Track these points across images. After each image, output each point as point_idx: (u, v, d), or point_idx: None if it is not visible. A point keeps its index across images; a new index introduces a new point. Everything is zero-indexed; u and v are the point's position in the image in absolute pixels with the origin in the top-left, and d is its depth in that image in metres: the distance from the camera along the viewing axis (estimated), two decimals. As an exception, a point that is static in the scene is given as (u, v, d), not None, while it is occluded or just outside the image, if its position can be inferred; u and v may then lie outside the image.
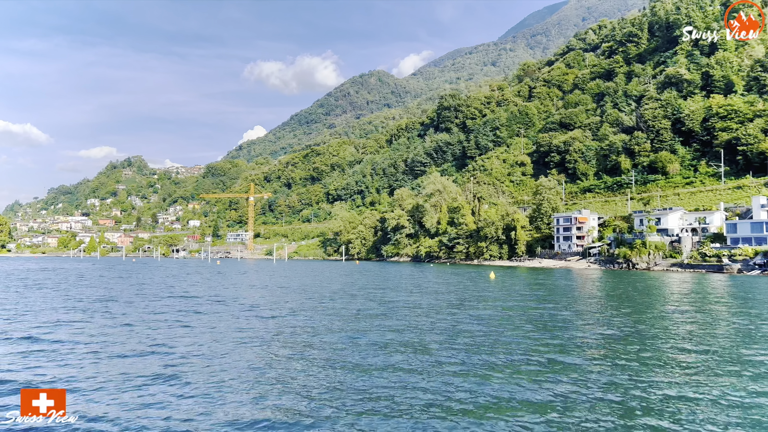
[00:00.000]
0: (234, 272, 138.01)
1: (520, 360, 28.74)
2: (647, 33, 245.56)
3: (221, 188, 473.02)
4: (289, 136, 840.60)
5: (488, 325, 40.47)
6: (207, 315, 48.20)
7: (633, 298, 64.20)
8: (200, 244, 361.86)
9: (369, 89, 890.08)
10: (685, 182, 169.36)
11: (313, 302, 58.56)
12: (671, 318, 46.38)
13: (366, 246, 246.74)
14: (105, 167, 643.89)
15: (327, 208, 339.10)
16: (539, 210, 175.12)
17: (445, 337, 35.64)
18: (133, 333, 38.04)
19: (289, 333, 37.56)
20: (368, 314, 46.99)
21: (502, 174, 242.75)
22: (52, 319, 45.22)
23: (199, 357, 30.36)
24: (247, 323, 42.98)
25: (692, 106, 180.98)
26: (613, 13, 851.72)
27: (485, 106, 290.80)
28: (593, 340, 35.26)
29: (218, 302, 59.33)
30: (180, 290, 76.35)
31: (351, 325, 40.76)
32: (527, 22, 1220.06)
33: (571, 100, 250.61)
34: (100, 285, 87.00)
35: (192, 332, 38.34)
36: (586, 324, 42.48)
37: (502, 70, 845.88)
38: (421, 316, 46.33)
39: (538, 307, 52.98)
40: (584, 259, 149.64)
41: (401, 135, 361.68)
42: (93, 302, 58.86)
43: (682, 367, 27.62)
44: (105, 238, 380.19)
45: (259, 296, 67.03)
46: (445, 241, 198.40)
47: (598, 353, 30.72)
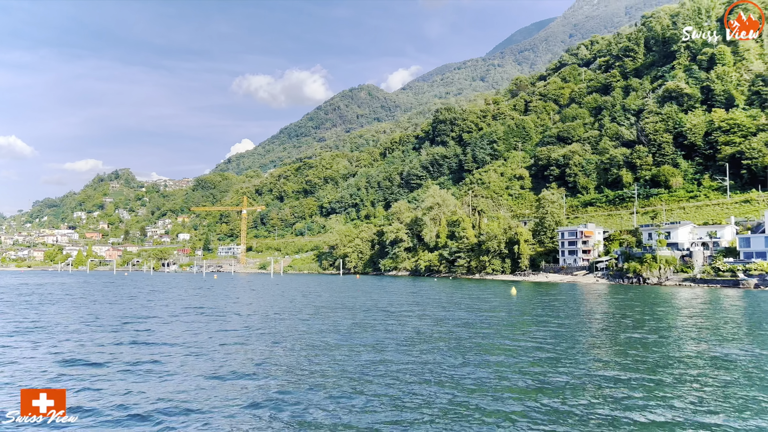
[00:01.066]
0: (235, 288, 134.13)
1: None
2: (643, 48, 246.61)
3: (211, 201, 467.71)
4: (279, 149, 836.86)
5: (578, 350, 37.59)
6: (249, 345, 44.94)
7: (669, 319, 61.70)
8: (191, 257, 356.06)
9: (359, 103, 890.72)
10: (689, 196, 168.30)
11: (373, 331, 54.81)
12: (724, 341, 43.79)
13: (363, 260, 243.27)
14: (92, 180, 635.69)
15: (321, 221, 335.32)
16: (542, 224, 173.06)
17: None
18: (176, 351, 34.75)
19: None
20: (456, 352, 43.18)
21: (500, 187, 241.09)
22: (98, 339, 41.75)
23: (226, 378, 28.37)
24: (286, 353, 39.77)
25: (694, 120, 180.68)
26: (599, 29, 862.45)
27: (481, 119, 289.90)
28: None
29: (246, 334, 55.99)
30: (194, 307, 72.84)
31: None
32: (515, 39, 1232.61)
33: (568, 114, 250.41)
34: (119, 302, 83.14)
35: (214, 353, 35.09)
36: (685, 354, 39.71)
37: (491, 85, 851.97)
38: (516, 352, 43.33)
39: (606, 329, 50.21)
40: (591, 273, 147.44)
41: (395, 148, 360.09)
42: (118, 318, 55.28)
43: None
44: (93, 252, 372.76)
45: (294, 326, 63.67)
46: (446, 255, 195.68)
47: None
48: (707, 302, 79.40)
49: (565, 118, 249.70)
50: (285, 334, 45.80)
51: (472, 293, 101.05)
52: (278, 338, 43.19)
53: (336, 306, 73.48)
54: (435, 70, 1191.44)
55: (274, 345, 39.81)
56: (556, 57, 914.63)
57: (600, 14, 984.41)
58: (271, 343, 40.55)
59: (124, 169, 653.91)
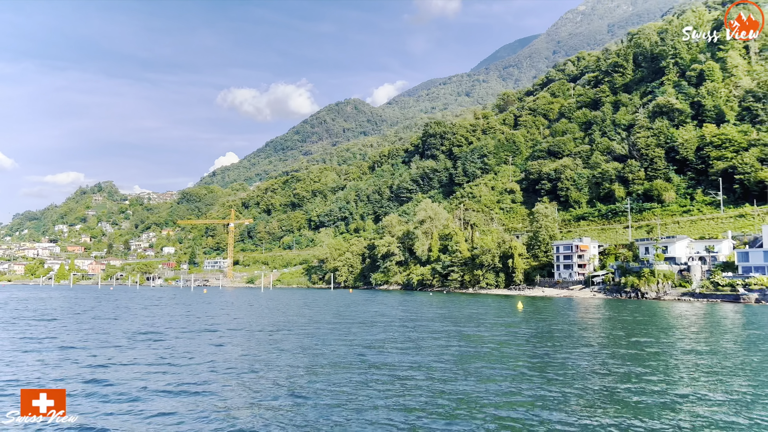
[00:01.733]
0: (230, 303, 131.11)
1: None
2: (632, 63, 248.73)
3: (196, 214, 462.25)
4: (264, 162, 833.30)
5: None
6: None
7: (692, 340, 60.42)
8: (176, 271, 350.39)
9: (345, 117, 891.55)
10: (682, 210, 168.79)
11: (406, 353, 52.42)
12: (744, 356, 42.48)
13: (353, 274, 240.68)
14: (74, 192, 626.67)
15: (309, 234, 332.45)
16: (536, 237, 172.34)
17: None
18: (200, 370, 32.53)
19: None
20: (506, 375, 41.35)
21: (491, 201, 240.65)
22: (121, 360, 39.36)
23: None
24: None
25: (685, 135, 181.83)
26: (582, 46, 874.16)
27: (471, 133, 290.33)
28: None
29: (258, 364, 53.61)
30: (204, 324, 70.27)
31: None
32: (499, 55, 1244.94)
33: (558, 129, 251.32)
34: (126, 318, 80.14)
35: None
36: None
37: (476, 101, 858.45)
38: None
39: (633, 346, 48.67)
40: (587, 288, 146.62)
41: (383, 161, 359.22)
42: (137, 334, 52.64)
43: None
44: (75, 266, 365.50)
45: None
46: (439, 269, 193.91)
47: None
48: (717, 319, 78.43)
49: (555, 133, 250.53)
50: (318, 351, 43.61)
51: (477, 308, 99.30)
52: (310, 354, 41.00)
53: (352, 322, 71.29)
54: (420, 85, 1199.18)
55: (296, 360, 37.68)
56: (540, 73, 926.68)
57: (583, 31, 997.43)
58: (293, 358, 38.41)
59: (107, 181, 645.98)
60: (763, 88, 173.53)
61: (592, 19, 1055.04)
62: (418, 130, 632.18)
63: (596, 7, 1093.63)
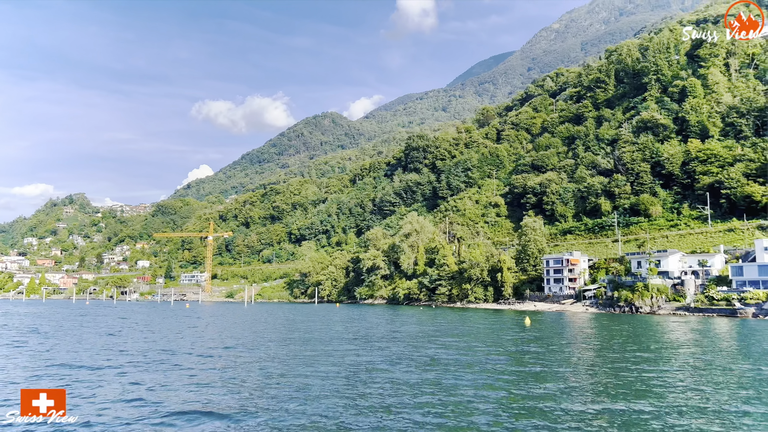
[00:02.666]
0: (219, 318, 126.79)
1: None
2: (614, 79, 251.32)
3: (171, 227, 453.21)
4: (240, 175, 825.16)
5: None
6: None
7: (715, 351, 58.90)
8: (152, 285, 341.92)
9: (323, 130, 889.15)
10: (669, 225, 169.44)
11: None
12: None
13: (337, 288, 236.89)
14: (44, 204, 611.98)
15: (289, 248, 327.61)
16: (525, 251, 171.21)
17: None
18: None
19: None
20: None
21: (476, 215, 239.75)
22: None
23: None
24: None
25: (670, 150, 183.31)
26: (557, 63, 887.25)
27: (454, 147, 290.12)
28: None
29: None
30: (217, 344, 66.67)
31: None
32: (474, 71, 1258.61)
33: (542, 143, 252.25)
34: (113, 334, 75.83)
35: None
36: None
37: (453, 116, 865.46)
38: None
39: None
40: (579, 302, 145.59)
41: (365, 175, 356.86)
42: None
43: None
44: (46, 280, 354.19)
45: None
46: (426, 283, 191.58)
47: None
48: (719, 334, 77.35)
49: (538, 147, 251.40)
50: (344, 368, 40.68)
51: (481, 324, 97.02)
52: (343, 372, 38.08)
53: (362, 337, 68.32)
54: (397, 100, 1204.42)
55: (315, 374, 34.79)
56: (515, 89, 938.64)
57: (557, 49, 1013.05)
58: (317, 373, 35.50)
59: (78, 193, 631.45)
60: (746, 104, 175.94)
61: (566, 37, 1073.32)
62: (396, 143, 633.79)
63: (570, 26, 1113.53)
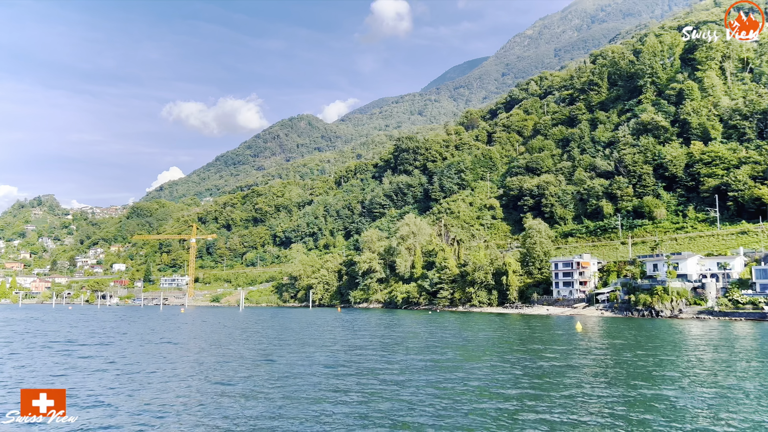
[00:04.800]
0: (228, 325, 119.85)
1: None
2: (607, 82, 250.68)
3: (147, 230, 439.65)
4: (215, 177, 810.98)
5: None
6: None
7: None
8: (129, 289, 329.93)
9: (299, 132, 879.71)
10: (675, 227, 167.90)
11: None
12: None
13: (329, 291, 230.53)
14: (11, 206, 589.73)
15: (274, 251, 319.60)
16: (530, 254, 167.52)
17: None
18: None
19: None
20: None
21: (471, 217, 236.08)
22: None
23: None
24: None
25: (673, 152, 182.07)
26: (530, 70, 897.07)
27: (445, 149, 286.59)
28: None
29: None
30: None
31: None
32: (449, 76, 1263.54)
33: (535, 145, 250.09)
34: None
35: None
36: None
37: (429, 120, 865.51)
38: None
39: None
40: (592, 306, 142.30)
41: (350, 177, 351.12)
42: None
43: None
44: (17, 283, 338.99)
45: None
46: (426, 286, 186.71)
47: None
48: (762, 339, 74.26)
49: (531, 149, 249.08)
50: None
51: (525, 329, 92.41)
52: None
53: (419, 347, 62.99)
54: (372, 103, 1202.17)
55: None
56: (490, 93, 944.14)
57: (531, 55, 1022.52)
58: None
59: (47, 195, 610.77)
60: (750, 106, 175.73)
61: (539, 43, 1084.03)
62: (376, 146, 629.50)
63: (543, 32, 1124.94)
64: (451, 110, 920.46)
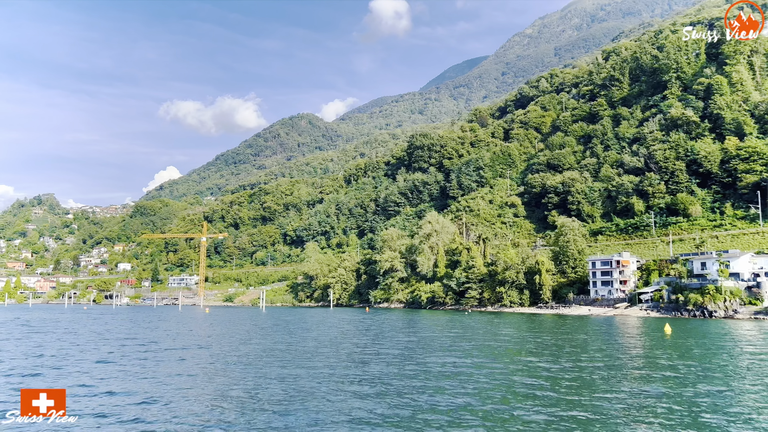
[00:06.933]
0: (282, 327, 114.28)
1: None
2: (629, 78, 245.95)
3: (151, 229, 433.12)
4: (216, 176, 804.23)
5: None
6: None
7: None
8: (137, 289, 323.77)
9: (299, 131, 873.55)
10: (712, 225, 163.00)
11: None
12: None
13: (347, 291, 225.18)
14: (11, 205, 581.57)
15: (285, 250, 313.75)
16: (564, 252, 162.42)
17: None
18: None
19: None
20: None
21: (491, 215, 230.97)
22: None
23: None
24: None
25: (706, 148, 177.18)
26: (530, 69, 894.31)
27: (460, 145, 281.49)
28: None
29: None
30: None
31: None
32: (448, 75, 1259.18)
33: (555, 142, 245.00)
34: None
35: None
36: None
37: (430, 119, 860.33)
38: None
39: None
40: (635, 306, 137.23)
41: (360, 175, 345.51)
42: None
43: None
44: (22, 283, 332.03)
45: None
46: (453, 286, 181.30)
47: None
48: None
49: (552, 146, 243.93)
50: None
51: (601, 334, 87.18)
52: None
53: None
54: (371, 103, 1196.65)
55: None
56: (490, 92, 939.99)
57: (531, 54, 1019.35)
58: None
59: (47, 194, 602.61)
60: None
61: (539, 42, 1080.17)
62: (378, 145, 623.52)
63: (543, 32, 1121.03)
64: (452, 109, 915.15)
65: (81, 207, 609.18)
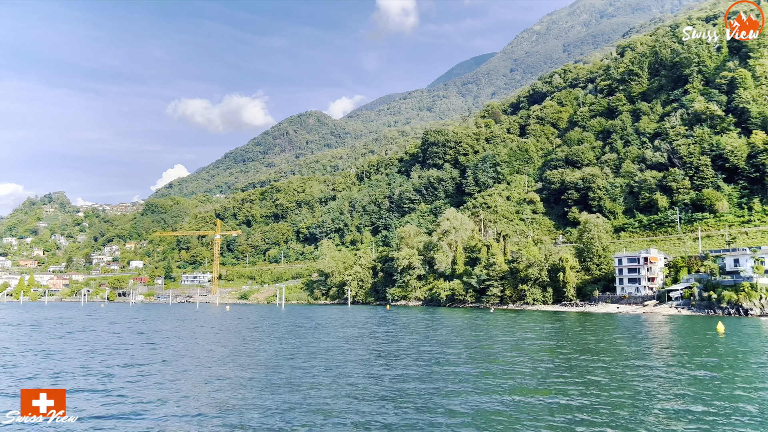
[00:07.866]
0: (312, 326, 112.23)
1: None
2: (647, 72, 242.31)
3: (162, 226, 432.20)
4: (225, 173, 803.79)
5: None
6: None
7: None
8: (150, 287, 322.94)
9: (308, 129, 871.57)
10: (740, 221, 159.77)
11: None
12: None
13: (364, 288, 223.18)
14: (22, 203, 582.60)
15: (298, 247, 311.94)
16: (589, 249, 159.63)
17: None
18: None
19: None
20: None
21: (509, 211, 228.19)
22: None
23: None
24: None
25: (732, 143, 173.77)
26: (539, 65, 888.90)
27: (476, 141, 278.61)
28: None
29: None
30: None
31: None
32: (455, 72, 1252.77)
33: (573, 138, 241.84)
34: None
35: None
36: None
37: (438, 116, 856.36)
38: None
39: None
40: (664, 303, 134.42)
41: (373, 172, 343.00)
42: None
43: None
44: (35, 281, 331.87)
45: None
46: (473, 283, 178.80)
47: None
48: None
49: (570, 142, 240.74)
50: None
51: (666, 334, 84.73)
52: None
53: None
54: (379, 100, 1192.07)
55: None
56: (498, 89, 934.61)
57: (539, 50, 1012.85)
58: None
59: (58, 192, 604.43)
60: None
61: (547, 39, 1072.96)
62: (387, 142, 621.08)
63: (551, 28, 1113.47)
64: (460, 106, 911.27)
65: (91, 205, 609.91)
